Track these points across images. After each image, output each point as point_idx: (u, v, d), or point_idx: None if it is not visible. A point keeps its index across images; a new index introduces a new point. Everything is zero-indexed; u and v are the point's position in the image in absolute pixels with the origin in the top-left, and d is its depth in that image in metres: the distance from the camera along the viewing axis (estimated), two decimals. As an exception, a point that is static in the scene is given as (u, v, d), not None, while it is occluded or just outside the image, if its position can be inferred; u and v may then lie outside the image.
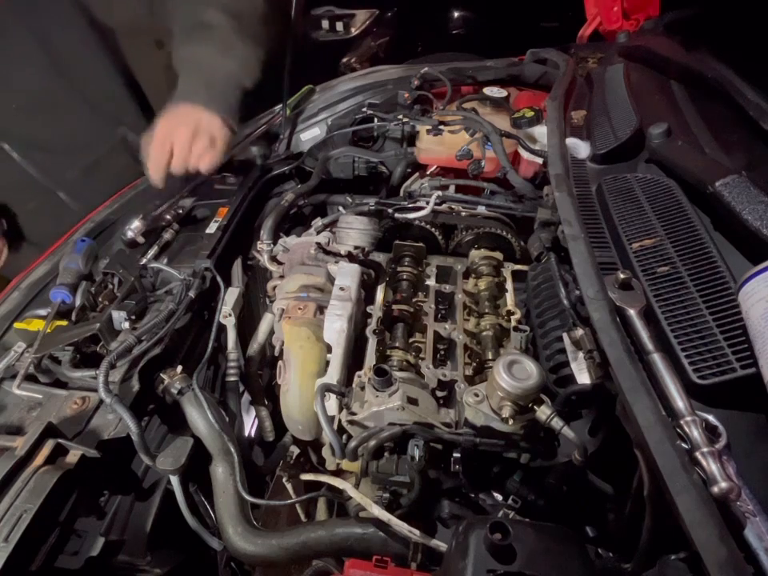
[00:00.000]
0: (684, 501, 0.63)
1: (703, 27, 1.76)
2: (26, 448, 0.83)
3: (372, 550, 0.93)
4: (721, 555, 0.59)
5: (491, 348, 1.18)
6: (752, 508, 0.66)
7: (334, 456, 0.97)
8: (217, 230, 1.40)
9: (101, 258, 1.27)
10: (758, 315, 0.72)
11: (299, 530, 0.99)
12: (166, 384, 1.05)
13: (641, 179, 1.17)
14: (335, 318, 1.12)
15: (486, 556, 0.70)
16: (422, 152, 1.76)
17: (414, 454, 0.92)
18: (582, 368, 0.96)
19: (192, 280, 1.22)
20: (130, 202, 1.53)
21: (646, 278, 0.93)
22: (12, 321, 1.14)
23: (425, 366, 1.13)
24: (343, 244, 1.33)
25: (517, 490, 0.98)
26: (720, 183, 0.98)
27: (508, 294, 1.31)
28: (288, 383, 1.12)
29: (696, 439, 0.69)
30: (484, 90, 1.86)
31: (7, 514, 0.76)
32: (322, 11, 3.46)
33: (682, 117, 1.36)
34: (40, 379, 1.03)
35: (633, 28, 2.22)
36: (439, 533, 0.96)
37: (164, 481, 1.05)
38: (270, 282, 1.38)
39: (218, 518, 1.01)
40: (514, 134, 1.58)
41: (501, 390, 0.88)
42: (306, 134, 1.94)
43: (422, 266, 1.40)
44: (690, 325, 0.83)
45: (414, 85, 1.91)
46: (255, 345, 1.35)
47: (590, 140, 1.40)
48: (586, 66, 1.95)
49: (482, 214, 1.48)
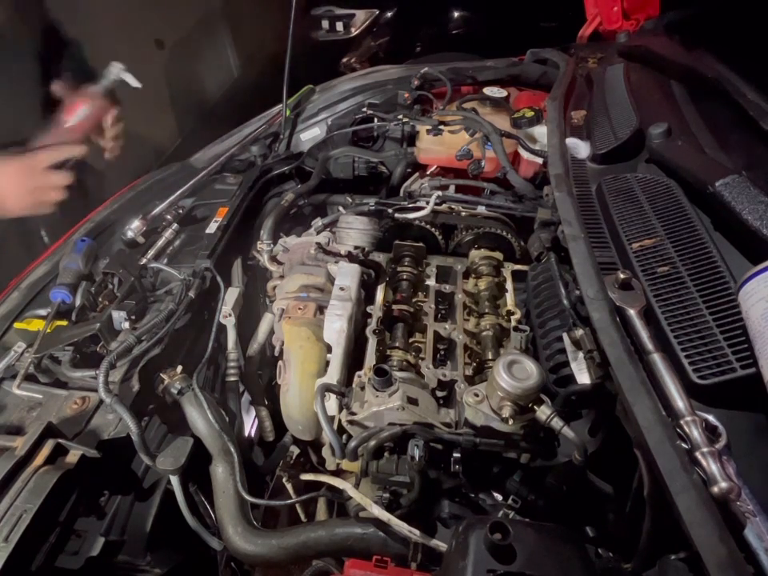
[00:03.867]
0: (684, 501, 0.63)
1: (703, 27, 1.76)
2: (26, 448, 0.83)
3: (372, 550, 0.93)
4: (721, 555, 0.59)
5: (491, 348, 1.18)
6: (752, 508, 0.66)
7: (334, 456, 0.97)
8: (217, 229, 1.40)
9: (101, 258, 1.27)
10: (757, 315, 0.72)
11: (299, 530, 0.99)
12: (166, 384, 1.05)
13: (641, 179, 1.17)
14: (335, 318, 1.12)
15: (486, 556, 0.70)
16: (421, 152, 1.76)
17: (414, 454, 0.91)
18: (582, 368, 0.96)
19: (192, 280, 1.22)
20: (130, 201, 1.53)
21: (645, 278, 0.93)
22: (12, 321, 1.14)
23: (425, 366, 1.12)
24: (343, 244, 1.33)
25: (517, 490, 0.98)
26: (720, 183, 0.98)
27: (508, 294, 1.31)
28: (288, 383, 1.12)
29: (696, 439, 0.69)
30: (484, 90, 1.87)
31: (7, 514, 0.76)
32: (322, 11, 3.47)
33: (682, 117, 1.36)
34: (40, 379, 1.03)
35: (633, 28, 2.22)
36: (439, 533, 0.96)
37: (164, 481, 1.05)
38: (270, 282, 1.38)
39: (218, 518, 1.01)
40: (514, 134, 1.58)
41: (501, 390, 0.88)
42: (306, 134, 1.94)
43: (422, 266, 1.40)
44: (690, 325, 0.83)
45: (414, 85, 1.91)
46: (255, 345, 1.35)
47: (590, 140, 1.40)
48: (586, 65, 1.95)
49: (481, 214, 1.48)
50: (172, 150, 2.66)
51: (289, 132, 1.90)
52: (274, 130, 1.87)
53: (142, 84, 1.57)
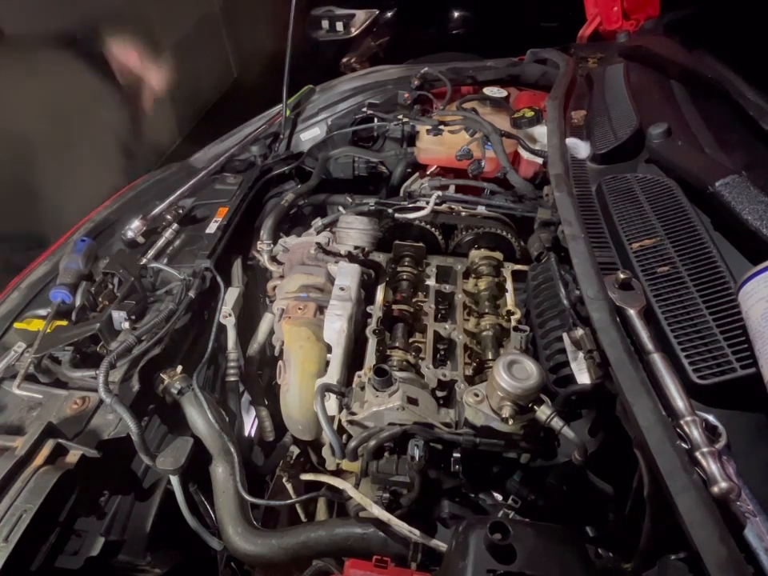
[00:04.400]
0: (684, 501, 0.63)
1: (703, 27, 1.76)
2: (26, 448, 0.83)
3: (372, 550, 0.93)
4: (721, 555, 0.59)
5: (491, 348, 1.18)
6: (752, 508, 0.66)
7: (334, 456, 0.97)
8: (217, 229, 1.40)
9: (101, 258, 1.27)
10: (758, 315, 0.72)
11: (299, 530, 0.99)
12: (166, 384, 1.05)
13: (641, 179, 1.17)
14: (335, 318, 1.12)
15: (486, 556, 0.70)
16: (421, 152, 1.76)
17: (414, 454, 0.91)
18: (582, 368, 0.96)
19: (192, 280, 1.22)
20: (129, 201, 1.53)
21: (645, 278, 0.93)
22: (12, 321, 1.14)
23: (425, 366, 1.12)
24: (343, 244, 1.33)
25: (517, 490, 0.99)
26: (720, 183, 0.98)
27: (508, 294, 1.31)
28: (288, 383, 1.12)
29: (696, 439, 0.69)
30: (484, 90, 1.87)
31: (7, 514, 0.76)
32: (322, 11, 3.46)
33: (682, 117, 1.36)
34: (40, 379, 1.03)
35: (633, 28, 2.23)
36: (439, 533, 0.96)
37: (164, 481, 1.05)
38: (270, 282, 1.38)
39: (218, 518, 1.01)
40: (514, 134, 1.58)
41: (501, 390, 0.88)
42: (306, 134, 1.94)
43: (421, 266, 1.40)
44: (690, 325, 0.83)
45: (414, 85, 1.91)
46: (255, 345, 1.35)
47: (590, 140, 1.40)
48: (586, 65, 1.95)
49: (481, 214, 1.48)
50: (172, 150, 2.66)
51: (289, 132, 1.90)
52: (274, 130, 1.87)
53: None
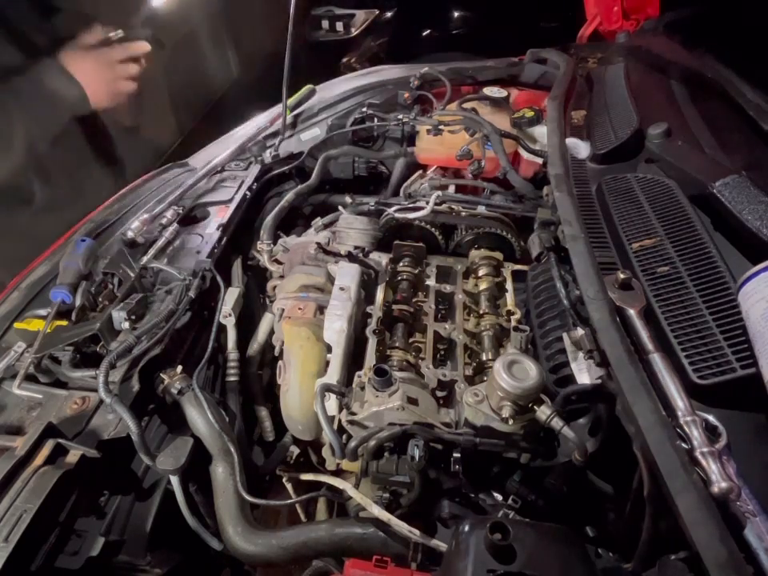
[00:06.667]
0: (684, 501, 0.63)
1: (703, 27, 1.76)
2: (26, 448, 0.83)
3: (372, 550, 0.93)
4: (721, 555, 0.59)
5: (491, 348, 1.18)
6: (752, 508, 0.66)
7: (334, 456, 0.97)
8: (217, 229, 1.40)
9: (101, 258, 1.27)
10: (758, 315, 0.72)
11: (299, 529, 0.99)
12: (166, 384, 1.05)
13: (641, 179, 1.17)
14: (335, 318, 1.12)
15: (486, 556, 0.70)
16: (422, 152, 1.76)
17: (414, 454, 0.91)
18: (582, 368, 0.96)
19: (192, 280, 1.22)
20: (129, 201, 1.53)
21: (645, 278, 0.93)
22: (12, 321, 1.14)
23: (425, 366, 1.12)
24: (343, 244, 1.33)
25: (517, 490, 0.98)
26: (720, 183, 0.98)
27: (508, 294, 1.31)
28: (288, 383, 1.12)
29: (696, 439, 0.69)
30: (484, 90, 1.86)
31: (7, 513, 0.76)
32: (322, 11, 3.47)
33: (682, 117, 1.36)
34: (40, 379, 1.03)
35: (633, 28, 2.23)
36: (439, 533, 0.96)
37: (164, 481, 1.05)
38: (270, 282, 1.38)
39: (218, 518, 1.01)
40: (514, 134, 1.58)
41: (501, 390, 0.88)
42: (306, 134, 1.94)
43: (422, 266, 1.40)
44: (690, 325, 0.83)
45: (413, 85, 1.91)
46: (255, 345, 1.35)
47: (590, 140, 1.40)
48: (586, 65, 1.95)
49: (481, 214, 1.48)
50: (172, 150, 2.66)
51: (289, 132, 1.90)
52: (274, 130, 1.87)
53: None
